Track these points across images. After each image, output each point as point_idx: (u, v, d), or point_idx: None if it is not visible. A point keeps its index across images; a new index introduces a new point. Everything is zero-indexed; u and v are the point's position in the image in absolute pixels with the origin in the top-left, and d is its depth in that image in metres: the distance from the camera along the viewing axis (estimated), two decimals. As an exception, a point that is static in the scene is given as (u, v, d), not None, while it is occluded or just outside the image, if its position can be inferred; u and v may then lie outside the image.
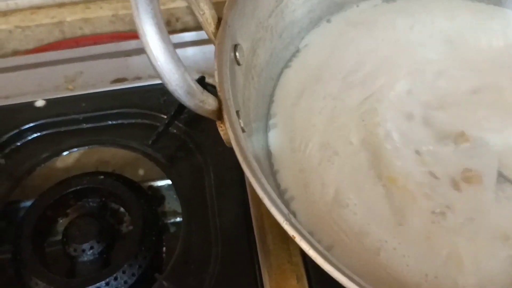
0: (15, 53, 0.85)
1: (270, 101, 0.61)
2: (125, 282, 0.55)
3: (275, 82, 0.63)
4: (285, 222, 0.39)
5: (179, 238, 0.58)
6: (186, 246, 0.57)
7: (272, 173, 0.55)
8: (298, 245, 0.55)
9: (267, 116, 0.60)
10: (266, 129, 0.59)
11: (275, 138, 0.58)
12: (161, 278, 0.53)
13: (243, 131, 0.46)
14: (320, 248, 0.39)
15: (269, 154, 0.56)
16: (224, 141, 0.45)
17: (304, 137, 0.57)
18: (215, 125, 0.65)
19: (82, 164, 0.68)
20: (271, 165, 0.56)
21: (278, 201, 0.40)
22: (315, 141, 0.57)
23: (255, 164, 0.42)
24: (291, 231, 0.39)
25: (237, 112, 0.46)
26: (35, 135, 0.66)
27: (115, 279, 0.55)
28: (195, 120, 0.66)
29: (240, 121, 0.46)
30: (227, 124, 0.44)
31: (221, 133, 0.45)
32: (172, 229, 0.66)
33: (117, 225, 0.64)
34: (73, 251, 0.58)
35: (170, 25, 0.86)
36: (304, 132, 0.58)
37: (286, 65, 0.64)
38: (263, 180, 0.41)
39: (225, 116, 0.44)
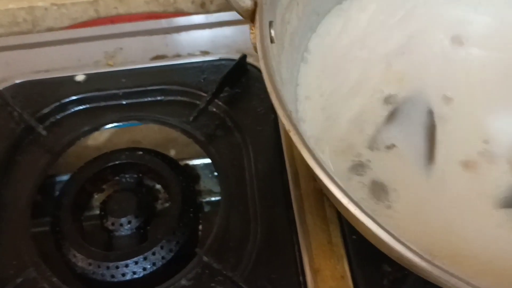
0: (50, 30, 0.86)
1: (310, 35, 0.61)
2: (163, 257, 0.55)
3: (320, 18, 0.62)
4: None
5: (214, 217, 0.58)
6: (224, 224, 0.56)
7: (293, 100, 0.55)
8: (338, 226, 0.56)
9: (304, 48, 0.60)
10: (299, 59, 0.58)
11: (305, 72, 0.58)
12: (201, 253, 0.52)
13: (272, 41, 0.46)
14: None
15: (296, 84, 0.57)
16: (252, 45, 0.45)
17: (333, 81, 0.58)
18: (254, 104, 0.66)
19: (113, 144, 0.68)
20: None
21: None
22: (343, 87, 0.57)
23: (276, 76, 0.42)
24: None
25: (271, 22, 0.46)
26: (75, 108, 0.66)
27: (153, 253, 0.55)
28: (235, 99, 0.66)
29: (272, 31, 0.46)
30: (257, 25, 0.44)
31: (251, 36, 0.45)
32: (207, 208, 0.66)
33: (153, 202, 0.64)
34: (111, 225, 0.59)
35: (205, 7, 0.86)
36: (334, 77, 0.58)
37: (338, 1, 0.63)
38: (280, 87, 0.42)
39: (257, 17, 0.44)
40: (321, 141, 0.54)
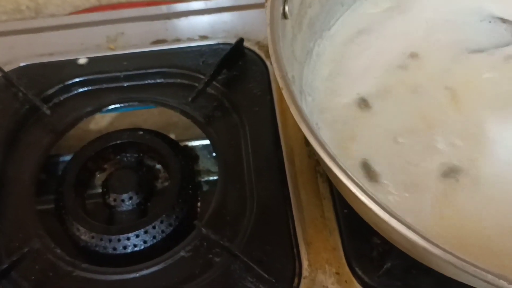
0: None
1: (333, 23, 0.62)
2: (163, 231, 0.57)
3: (345, 8, 0.63)
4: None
5: (212, 196, 0.60)
6: (222, 200, 0.59)
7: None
8: (330, 201, 0.58)
9: (323, 33, 0.61)
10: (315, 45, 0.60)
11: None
12: (200, 225, 0.54)
13: (285, 17, 0.49)
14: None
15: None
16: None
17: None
18: (251, 86, 0.68)
19: (115, 128, 0.70)
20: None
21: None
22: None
23: (280, 45, 0.44)
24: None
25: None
26: (78, 90, 0.68)
27: (153, 227, 0.57)
28: (233, 81, 0.68)
29: (286, 6, 0.48)
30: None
31: (265, 8, 0.47)
32: (205, 188, 0.68)
33: (153, 181, 0.67)
34: (113, 201, 0.61)
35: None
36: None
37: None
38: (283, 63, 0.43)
39: None
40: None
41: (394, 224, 0.36)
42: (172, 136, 0.70)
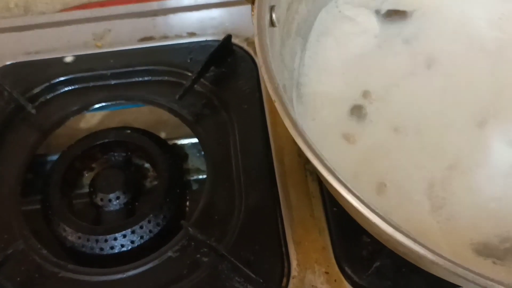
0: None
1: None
2: (150, 231, 0.57)
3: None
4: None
5: (202, 195, 0.59)
6: (210, 199, 0.58)
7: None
8: (320, 200, 0.57)
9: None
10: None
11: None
12: (187, 225, 0.54)
13: (274, 25, 0.48)
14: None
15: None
16: (253, 26, 0.47)
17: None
18: (240, 84, 0.67)
19: (104, 126, 0.69)
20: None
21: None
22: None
23: (269, 52, 0.44)
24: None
25: (273, 6, 0.48)
26: (65, 89, 0.67)
27: (141, 227, 0.56)
28: (221, 79, 0.67)
29: (273, 14, 0.48)
30: (256, 6, 0.46)
31: (252, 18, 0.47)
32: (195, 186, 0.68)
33: (141, 180, 0.66)
34: (100, 200, 0.60)
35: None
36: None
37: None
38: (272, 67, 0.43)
39: None
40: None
41: (384, 227, 0.36)
42: (162, 134, 0.69)
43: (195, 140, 0.67)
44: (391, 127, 0.54)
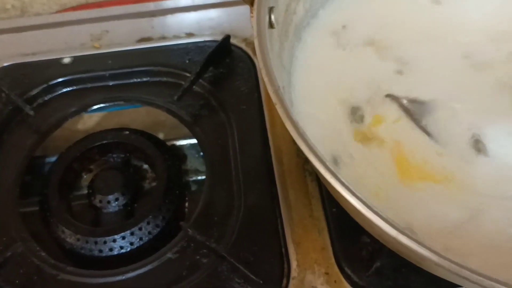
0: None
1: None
2: (149, 232, 0.57)
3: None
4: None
5: (201, 195, 0.59)
6: (209, 200, 0.58)
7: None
8: (319, 201, 0.57)
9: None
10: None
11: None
12: (186, 226, 0.54)
13: (272, 26, 0.48)
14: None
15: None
16: (252, 28, 0.47)
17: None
18: (238, 84, 0.67)
19: (102, 128, 0.69)
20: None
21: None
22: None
23: (269, 54, 0.44)
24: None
25: (272, 8, 0.48)
26: (63, 90, 0.67)
27: (140, 229, 0.56)
28: (219, 79, 0.67)
29: (272, 16, 0.48)
30: (255, 7, 0.46)
31: (251, 20, 0.47)
32: (194, 187, 0.68)
33: (140, 182, 0.66)
34: (99, 202, 0.60)
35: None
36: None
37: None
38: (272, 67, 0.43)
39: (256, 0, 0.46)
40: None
41: (388, 230, 0.36)
42: (161, 135, 0.69)
43: (193, 141, 0.67)
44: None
